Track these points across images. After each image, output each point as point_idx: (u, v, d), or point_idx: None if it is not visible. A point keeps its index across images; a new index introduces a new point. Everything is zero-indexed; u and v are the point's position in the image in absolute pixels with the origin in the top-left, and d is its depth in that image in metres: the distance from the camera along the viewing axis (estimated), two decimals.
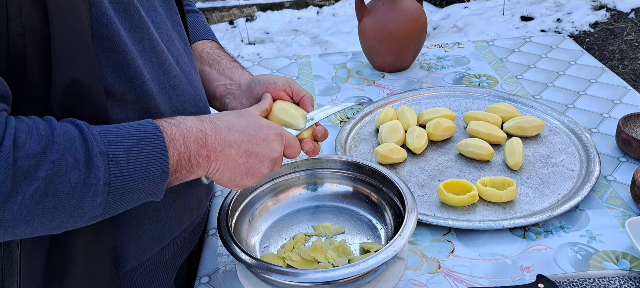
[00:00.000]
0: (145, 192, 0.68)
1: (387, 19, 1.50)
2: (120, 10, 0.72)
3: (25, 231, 0.61)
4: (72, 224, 0.64)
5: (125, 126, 0.68)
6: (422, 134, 1.23)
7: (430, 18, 4.41)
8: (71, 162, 0.60)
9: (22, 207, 0.58)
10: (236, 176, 0.78)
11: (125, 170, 0.64)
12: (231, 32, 4.54)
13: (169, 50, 0.82)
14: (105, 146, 0.63)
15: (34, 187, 0.58)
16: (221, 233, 0.88)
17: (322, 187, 1.06)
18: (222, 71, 1.01)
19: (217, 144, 0.74)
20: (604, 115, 1.34)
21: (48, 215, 0.60)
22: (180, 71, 0.84)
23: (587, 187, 1.07)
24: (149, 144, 0.67)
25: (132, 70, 0.73)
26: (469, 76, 1.56)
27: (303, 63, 1.70)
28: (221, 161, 0.75)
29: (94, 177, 0.62)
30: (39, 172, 0.58)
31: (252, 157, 0.78)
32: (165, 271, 0.91)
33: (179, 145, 0.70)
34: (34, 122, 0.61)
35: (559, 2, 4.54)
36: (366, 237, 0.98)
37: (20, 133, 0.58)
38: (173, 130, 0.70)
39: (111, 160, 0.63)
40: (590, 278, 0.88)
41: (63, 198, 0.60)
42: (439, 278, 0.92)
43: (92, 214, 0.64)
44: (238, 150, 0.76)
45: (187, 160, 0.71)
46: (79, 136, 0.62)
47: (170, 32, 0.85)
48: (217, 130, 0.75)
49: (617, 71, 3.48)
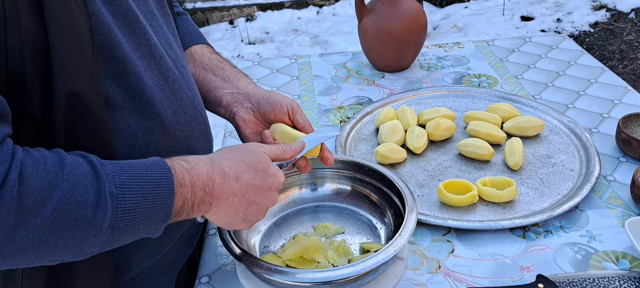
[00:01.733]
0: (144, 231, 0.68)
1: (387, 19, 1.50)
2: (118, 17, 0.71)
3: (21, 263, 0.60)
4: (69, 259, 0.63)
5: (137, 165, 0.67)
6: (422, 133, 1.23)
7: (430, 18, 4.41)
8: (80, 200, 0.60)
9: (23, 241, 0.57)
10: (233, 221, 0.78)
11: (131, 213, 0.64)
12: (231, 32, 4.54)
13: (167, 54, 0.82)
14: (116, 188, 0.62)
15: (38, 223, 0.57)
16: (221, 233, 0.88)
17: (322, 187, 1.06)
18: (227, 79, 1.00)
19: (222, 192, 0.74)
20: (604, 115, 1.34)
21: (48, 251, 0.60)
22: (179, 74, 0.83)
23: (587, 187, 1.07)
24: (159, 188, 0.66)
25: (133, 77, 0.72)
26: (469, 76, 1.56)
27: (303, 63, 1.70)
28: (222, 207, 0.75)
29: (100, 218, 0.61)
30: (45, 208, 0.57)
31: (252, 205, 0.78)
32: (165, 275, 0.91)
33: (186, 192, 0.69)
34: (42, 156, 0.60)
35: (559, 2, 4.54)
36: (366, 237, 0.98)
37: (27, 167, 0.57)
38: (184, 176, 0.69)
39: (120, 203, 0.62)
40: (590, 278, 0.88)
41: (66, 236, 0.60)
42: (438, 278, 0.92)
43: (90, 251, 0.64)
44: (241, 199, 0.76)
45: (190, 206, 0.71)
46: (92, 174, 0.61)
47: (167, 34, 0.84)
48: (225, 179, 0.74)
49: (617, 71, 3.48)
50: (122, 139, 0.73)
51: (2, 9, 0.58)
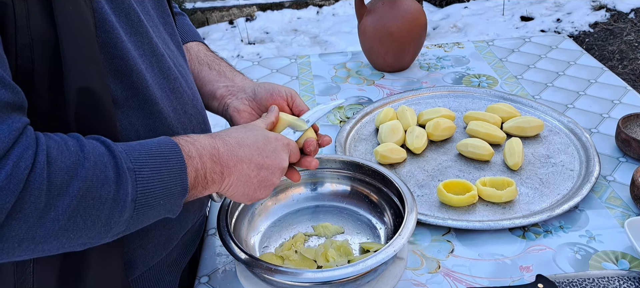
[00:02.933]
0: (165, 207, 0.69)
1: (387, 19, 1.50)
2: (121, 15, 0.72)
3: (53, 247, 0.61)
4: (97, 240, 0.64)
5: (146, 144, 0.68)
6: (422, 133, 1.23)
7: (430, 18, 4.41)
8: (102, 178, 0.61)
9: (54, 223, 0.58)
10: (249, 189, 0.80)
11: (149, 186, 0.65)
12: (231, 32, 4.54)
13: (166, 54, 0.82)
14: (131, 163, 0.64)
15: (67, 203, 0.58)
16: (221, 233, 0.88)
17: (322, 186, 1.06)
18: (222, 73, 1.01)
19: (229, 159, 0.75)
20: (604, 116, 1.34)
21: (77, 231, 0.61)
22: (178, 73, 0.84)
23: (587, 187, 1.07)
24: (170, 162, 0.68)
25: (135, 75, 0.73)
26: (468, 76, 1.56)
27: (303, 63, 1.70)
28: (234, 176, 0.76)
29: (123, 193, 0.62)
30: (72, 187, 0.58)
31: (263, 170, 0.79)
32: (169, 274, 0.92)
33: (196, 163, 0.71)
34: (62, 139, 0.61)
35: (559, 2, 4.55)
36: (366, 237, 0.98)
37: (52, 149, 0.59)
38: (190, 148, 0.71)
39: (138, 177, 0.64)
40: (590, 279, 0.88)
41: (93, 214, 0.61)
42: (438, 278, 0.92)
43: (117, 230, 0.65)
44: (250, 164, 0.78)
45: (203, 177, 0.72)
46: (107, 153, 0.63)
47: (163, 34, 0.85)
48: (229, 147, 0.76)
49: (617, 71, 3.48)
50: (126, 137, 0.74)
51: (12, 7, 0.59)
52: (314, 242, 0.98)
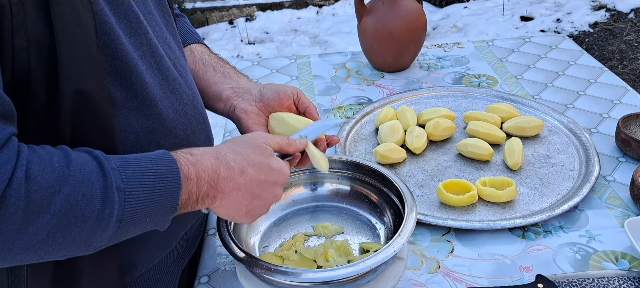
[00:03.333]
0: (152, 224, 0.68)
1: (387, 19, 1.50)
2: (120, 17, 0.72)
3: (31, 259, 0.60)
4: (77, 254, 0.64)
5: (143, 158, 0.67)
6: (422, 134, 1.23)
7: (430, 18, 4.41)
8: (87, 196, 0.60)
9: (32, 238, 0.57)
10: (236, 214, 0.78)
11: (138, 206, 0.64)
12: (231, 32, 4.54)
13: (166, 54, 0.82)
14: (123, 182, 0.63)
15: (46, 220, 0.57)
16: (220, 233, 0.88)
17: (321, 186, 1.06)
18: (228, 75, 1.01)
19: (226, 186, 0.74)
20: (604, 116, 1.34)
21: (56, 246, 0.60)
22: (178, 74, 0.84)
23: (587, 187, 1.07)
24: (165, 182, 0.66)
25: (135, 77, 0.73)
26: (468, 76, 1.56)
27: (303, 63, 1.70)
28: (226, 201, 0.75)
29: (108, 213, 0.61)
30: (53, 205, 0.57)
31: (256, 200, 0.78)
32: (169, 275, 0.91)
33: (192, 185, 0.69)
34: (47, 153, 0.60)
35: (559, 2, 4.55)
36: (366, 237, 0.98)
37: (33, 165, 0.57)
38: (190, 169, 0.69)
39: (127, 197, 0.63)
40: (590, 279, 0.88)
41: (74, 231, 0.60)
42: (438, 278, 0.92)
43: (97, 245, 0.64)
44: (245, 193, 0.76)
45: (195, 199, 0.71)
46: (98, 170, 0.61)
47: (165, 35, 0.85)
48: (230, 172, 0.74)
49: (617, 71, 3.48)
50: (125, 139, 0.74)
51: (9, 8, 0.58)
52: (314, 242, 0.98)
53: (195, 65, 1.02)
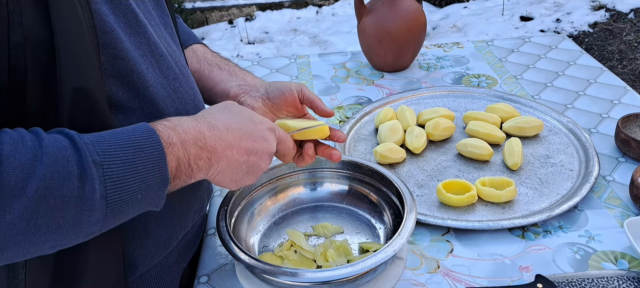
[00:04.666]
0: (145, 201, 0.65)
1: (387, 19, 1.50)
2: (119, 15, 0.71)
3: (16, 254, 0.56)
4: (67, 243, 0.60)
5: (119, 132, 0.64)
6: (422, 133, 1.23)
7: (430, 18, 4.41)
8: (63, 174, 0.56)
9: (11, 227, 0.53)
10: (237, 175, 0.77)
11: (121, 181, 0.60)
12: (230, 32, 4.54)
13: (166, 53, 0.82)
14: (98, 156, 0.59)
15: (23, 204, 0.53)
16: (220, 233, 0.88)
17: (321, 186, 1.06)
18: (233, 73, 1.02)
19: (217, 144, 0.72)
20: (603, 116, 1.34)
21: (41, 235, 0.56)
22: (180, 73, 0.84)
23: (586, 187, 1.07)
24: (146, 152, 0.63)
25: (136, 76, 0.72)
26: (468, 76, 1.56)
27: (302, 63, 1.70)
28: (223, 162, 0.73)
29: (89, 190, 0.57)
30: (29, 187, 0.54)
31: (252, 155, 0.77)
32: (170, 275, 0.91)
33: (177, 150, 0.66)
34: (19, 134, 0.56)
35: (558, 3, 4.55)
36: (365, 237, 0.99)
37: (5, 145, 0.54)
38: (170, 134, 0.66)
39: (106, 171, 0.59)
40: (589, 279, 0.88)
41: (57, 215, 0.56)
42: (438, 278, 0.92)
43: (89, 230, 0.60)
44: (239, 149, 0.75)
45: (187, 164, 0.68)
46: (70, 146, 0.58)
47: (164, 34, 0.85)
48: (215, 131, 0.72)
49: (616, 71, 3.49)
50: None
51: (5, 4, 0.58)
52: (314, 242, 0.98)
53: (200, 64, 1.02)
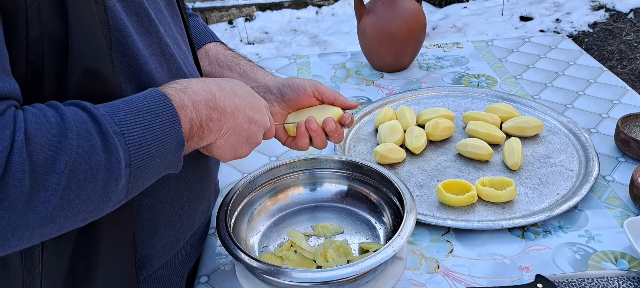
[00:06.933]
0: (164, 165, 0.66)
1: (386, 19, 1.50)
2: (131, 13, 0.71)
3: (52, 231, 0.57)
4: (98, 213, 0.61)
5: (131, 100, 0.64)
6: (421, 133, 1.23)
7: (430, 18, 4.41)
8: (88, 147, 0.57)
9: (46, 205, 0.54)
10: (238, 142, 0.78)
11: (142, 147, 0.62)
12: (230, 32, 4.54)
13: (176, 53, 0.82)
14: (117, 126, 0.60)
15: (55, 181, 0.54)
16: (220, 234, 0.88)
17: (321, 187, 1.06)
18: (244, 73, 1.01)
19: (226, 105, 0.73)
20: (603, 116, 1.34)
21: (74, 208, 0.57)
22: (188, 73, 0.84)
23: (586, 187, 1.07)
24: (161, 116, 0.64)
25: (145, 74, 0.72)
26: (468, 76, 1.56)
27: (302, 63, 1.70)
28: (230, 123, 0.74)
29: (115, 159, 0.58)
30: (58, 163, 0.54)
31: (253, 124, 0.78)
32: (176, 275, 0.91)
33: (190, 112, 0.68)
34: (40, 110, 0.57)
35: (558, 3, 4.55)
36: (365, 237, 0.98)
37: (30, 124, 0.54)
38: (181, 97, 0.68)
39: (127, 139, 0.60)
40: (589, 279, 0.88)
41: (87, 188, 0.57)
42: (437, 278, 0.92)
43: (116, 199, 0.61)
44: (244, 115, 0.76)
45: (199, 125, 0.69)
46: (90, 119, 0.59)
47: (175, 34, 0.85)
48: (225, 92, 0.73)
49: (616, 71, 3.49)
50: None
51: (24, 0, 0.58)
52: (314, 242, 0.98)
53: (212, 67, 1.02)
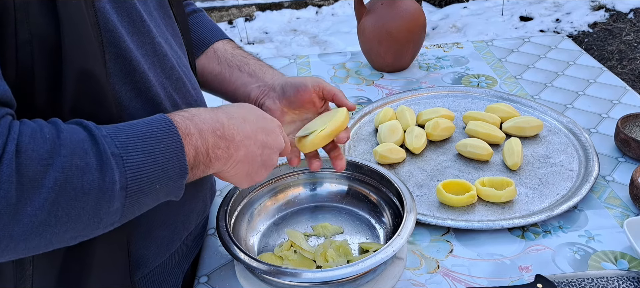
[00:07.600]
0: (164, 192, 0.66)
1: (386, 19, 1.50)
2: (123, 14, 0.71)
3: (38, 245, 0.57)
4: (88, 233, 0.61)
5: (137, 124, 0.65)
6: (421, 134, 1.23)
7: (430, 18, 4.41)
8: (82, 166, 0.57)
9: (32, 219, 0.54)
10: (252, 169, 0.77)
11: (141, 172, 0.61)
12: (230, 32, 4.54)
13: (169, 53, 0.82)
14: (117, 148, 0.60)
15: (43, 196, 0.54)
16: (220, 233, 0.88)
17: (321, 187, 1.06)
18: (252, 73, 1.01)
19: (235, 134, 0.73)
20: (603, 116, 1.34)
21: (62, 226, 0.57)
22: (182, 73, 0.83)
23: (586, 187, 1.07)
24: (164, 142, 0.64)
25: (138, 75, 0.72)
26: (468, 76, 1.56)
27: (302, 63, 1.70)
28: (241, 151, 0.74)
29: (109, 181, 0.58)
30: (47, 178, 0.54)
31: (266, 149, 0.78)
32: (172, 276, 0.91)
33: (195, 140, 0.68)
34: (38, 125, 0.58)
35: (558, 3, 4.55)
36: (365, 237, 0.98)
37: (24, 137, 0.55)
38: (187, 124, 0.68)
39: (126, 162, 0.60)
40: (589, 279, 0.88)
41: (77, 206, 0.57)
42: (437, 278, 0.92)
43: (109, 221, 0.61)
44: (256, 141, 0.76)
45: (205, 154, 0.69)
46: (88, 138, 0.59)
47: (166, 35, 0.84)
48: (234, 121, 0.73)
49: (616, 71, 3.49)
50: None
51: (12, 1, 0.58)
52: (314, 242, 0.98)
53: (221, 67, 1.02)
